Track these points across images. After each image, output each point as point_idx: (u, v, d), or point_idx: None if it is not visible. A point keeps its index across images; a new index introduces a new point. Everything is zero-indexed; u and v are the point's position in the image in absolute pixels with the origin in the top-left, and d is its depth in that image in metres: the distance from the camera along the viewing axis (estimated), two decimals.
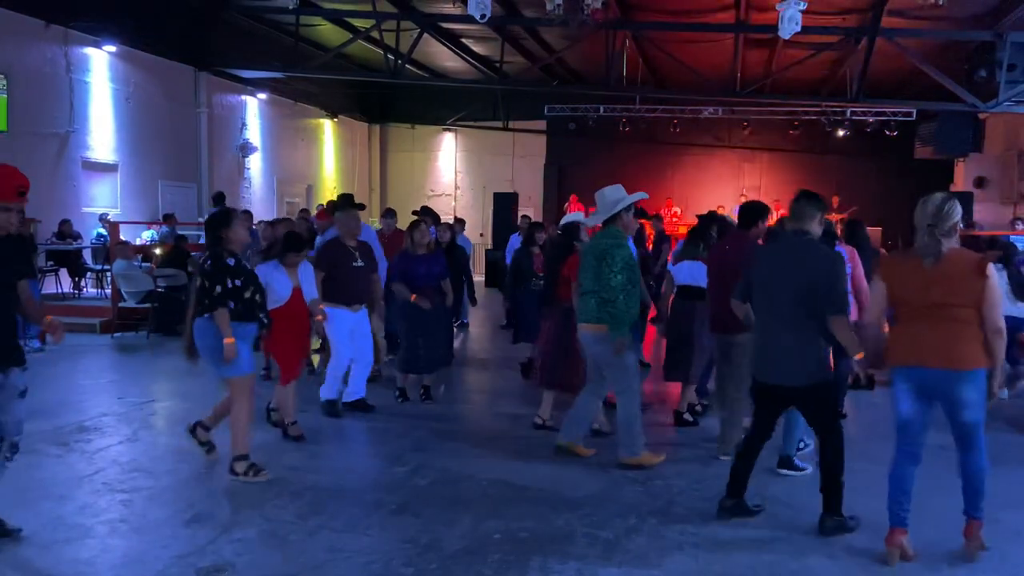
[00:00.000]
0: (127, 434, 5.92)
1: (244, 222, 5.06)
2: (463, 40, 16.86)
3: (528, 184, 22.05)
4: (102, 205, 13.28)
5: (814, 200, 4.34)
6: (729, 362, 5.62)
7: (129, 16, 13.13)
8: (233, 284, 4.71)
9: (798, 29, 10.97)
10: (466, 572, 3.71)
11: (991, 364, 3.72)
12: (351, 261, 6.38)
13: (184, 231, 13.22)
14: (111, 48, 13.14)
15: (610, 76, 14.98)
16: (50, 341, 3.99)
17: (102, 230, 12.52)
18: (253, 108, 17.57)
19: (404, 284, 6.70)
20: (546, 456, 5.54)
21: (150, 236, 13.36)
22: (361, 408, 6.54)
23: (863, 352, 4.14)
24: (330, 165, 21.25)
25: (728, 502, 4.41)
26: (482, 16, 11.31)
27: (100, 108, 13.14)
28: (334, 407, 6.47)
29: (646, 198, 5.62)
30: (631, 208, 5.29)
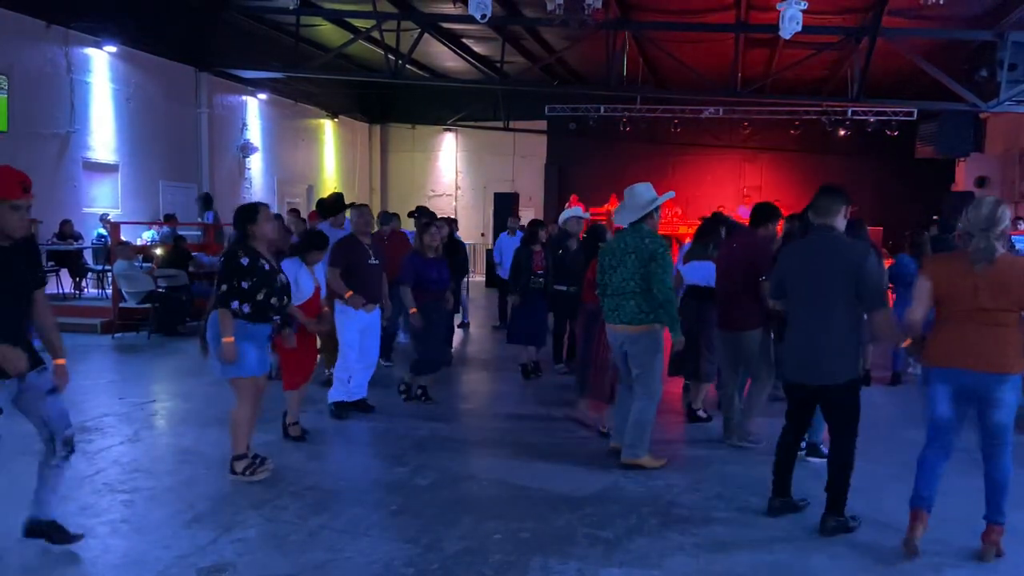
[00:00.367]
0: (128, 434, 5.92)
1: (271, 217, 4.86)
2: (464, 40, 16.86)
3: (529, 184, 22.05)
4: (103, 205, 13.29)
5: (838, 194, 4.30)
6: (739, 358, 5.67)
7: (130, 17, 13.14)
8: (239, 285, 4.59)
9: (799, 29, 10.96)
10: (467, 572, 3.71)
11: None
12: (367, 259, 6.28)
13: (185, 231, 13.24)
14: (112, 48, 13.15)
15: (610, 76, 14.97)
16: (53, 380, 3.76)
17: (103, 230, 12.52)
18: (254, 108, 17.58)
19: (416, 287, 6.59)
20: (547, 456, 5.54)
21: (150, 236, 13.37)
22: (362, 408, 6.53)
23: (910, 339, 4.09)
24: (331, 165, 21.26)
25: (776, 502, 4.44)
26: (482, 16, 11.30)
27: (101, 108, 13.15)
28: (342, 409, 6.41)
29: (673, 197, 5.69)
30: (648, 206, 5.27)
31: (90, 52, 12.84)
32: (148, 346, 9.84)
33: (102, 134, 13.21)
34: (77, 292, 12.43)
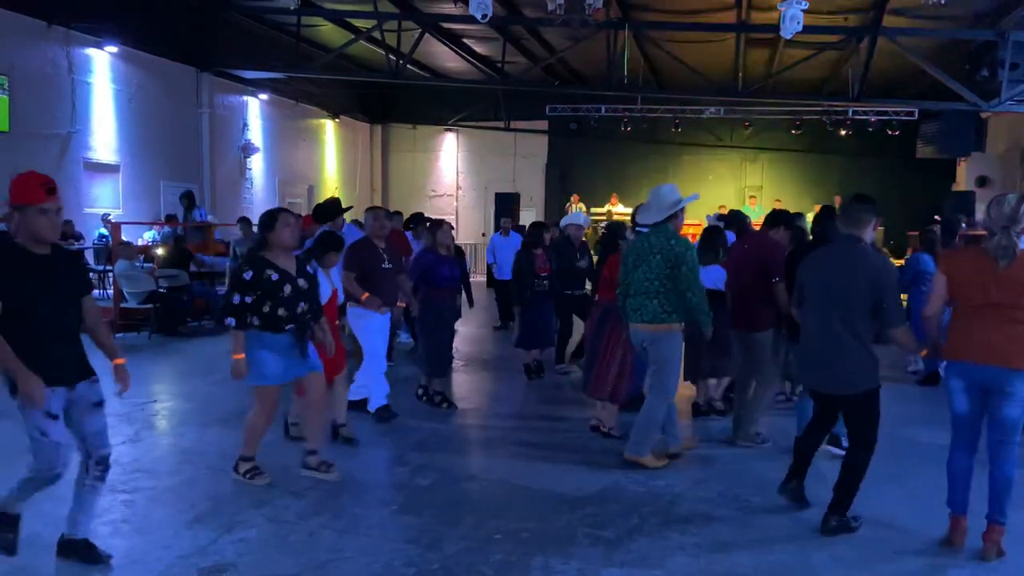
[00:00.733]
0: (129, 434, 5.92)
1: (291, 223, 4.72)
2: (464, 40, 16.87)
3: (530, 184, 22.05)
4: (104, 206, 13.29)
5: (870, 206, 4.26)
6: (750, 358, 5.71)
7: (131, 17, 13.15)
8: (242, 300, 4.52)
9: (800, 29, 10.96)
10: (468, 572, 3.71)
11: None
12: (381, 262, 6.15)
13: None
14: (113, 49, 13.16)
15: (611, 76, 14.98)
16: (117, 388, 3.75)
17: (104, 231, 12.53)
18: (255, 108, 17.59)
19: (427, 284, 6.53)
20: (547, 456, 5.54)
21: (151, 237, 13.38)
22: (363, 408, 6.52)
23: (927, 350, 4.17)
24: (332, 165, 21.26)
25: (792, 483, 4.48)
26: (483, 16, 11.31)
27: (102, 109, 13.16)
28: (386, 412, 6.26)
29: (697, 199, 5.76)
30: (673, 206, 5.28)
31: (91, 52, 12.84)
32: (149, 346, 9.84)
33: (103, 134, 13.22)
34: None
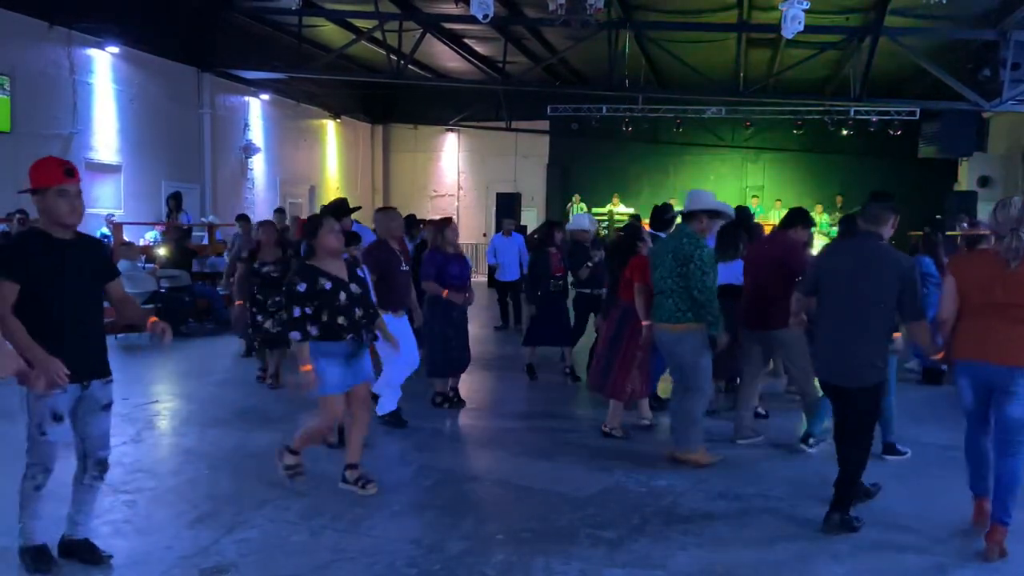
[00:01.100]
0: (131, 435, 5.92)
1: (335, 229, 4.66)
2: (465, 40, 16.87)
3: (531, 184, 22.05)
4: (106, 206, 13.29)
5: (889, 204, 4.34)
6: (772, 355, 5.80)
7: (132, 18, 13.16)
8: (302, 312, 4.43)
9: (801, 28, 10.95)
10: (469, 573, 3.71)
11: None
12: (399, 265, 6.06)
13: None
14: (114, 49, 13.16)
15: (613, 76, 14.97)
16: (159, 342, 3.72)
17: (106, 231, 12.54)
18: (256, 109, 17.59)
19: (437, 283, 6.47)
20: (549, 456, 5.54)
21: (153, 237, 13.38)
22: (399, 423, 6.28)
23: (943, 352, 4.23)
24: (333, 166, 21.27)
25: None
26: (484, 16, 11.30)
27: (103, 109, 13.16)
28: (396, 418, 6.19)
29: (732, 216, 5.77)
30: (716, 214, 5.36)
31: (93, 53, 12.84)
32: (150, 346, 9.84)
33: (105, 135, 13.22)
34: None
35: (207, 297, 11.34)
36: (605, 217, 18.62)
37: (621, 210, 18.74)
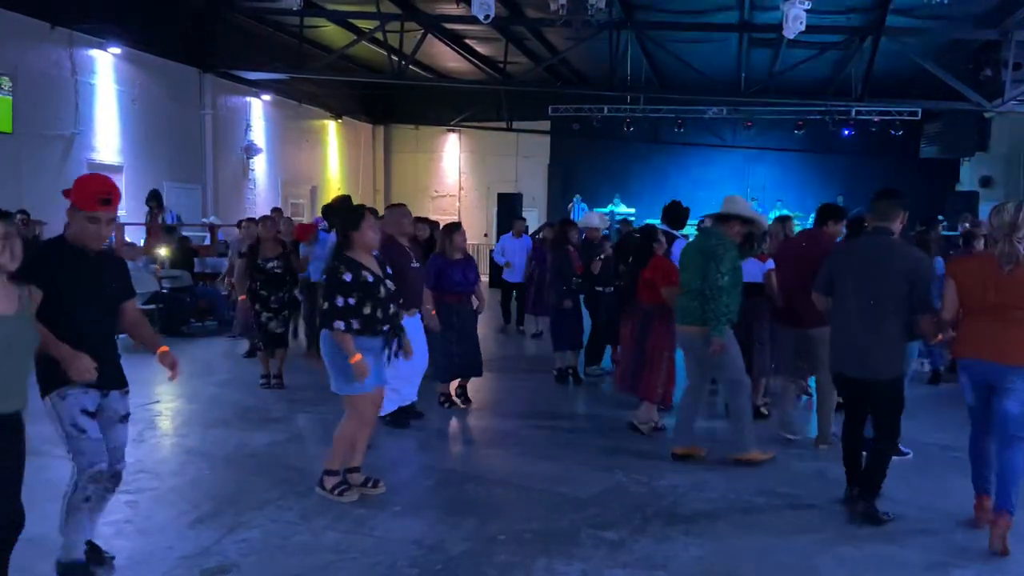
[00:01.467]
0: (132, 435, 5.86)
1: (374, 223, 4.63)
2: (467, 41, 16.87)
3: (532, 185, 22.05)
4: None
5: (897, 200, 4.46)
6: (806, 355, 5.76)
7: (134, 18, 13.16)
8: (346, 303, 4.39)
9: (802, 29, 10.94)
10: (471, 573, 3.71)
11: None
12: (410, 262, 5.92)
13: (189, 232, 13.26)
14: (116, 50, 13.16)
15: (614, 76, 14.96)
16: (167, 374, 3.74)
17: None
18: (257, 109, 17.59)
19: (440, 289, 6.39)
20: (550, 456, 5.54)
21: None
22: (413, 415, 6.27)
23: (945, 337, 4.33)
24: (334, 166, 21.28)
25: (854, 490, 4.52)
26: (486, 17, 11.31)
27: (105, 110, 13.16)
28: (399, 418, 6.14)
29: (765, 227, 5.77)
30: (748, 221, 5.39)
31: (94, 54, 12.85)
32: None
33: (106, 135, 13.23)
34: None
35: (209, 297, 11.34)
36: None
37: (622, 210, 18.75)
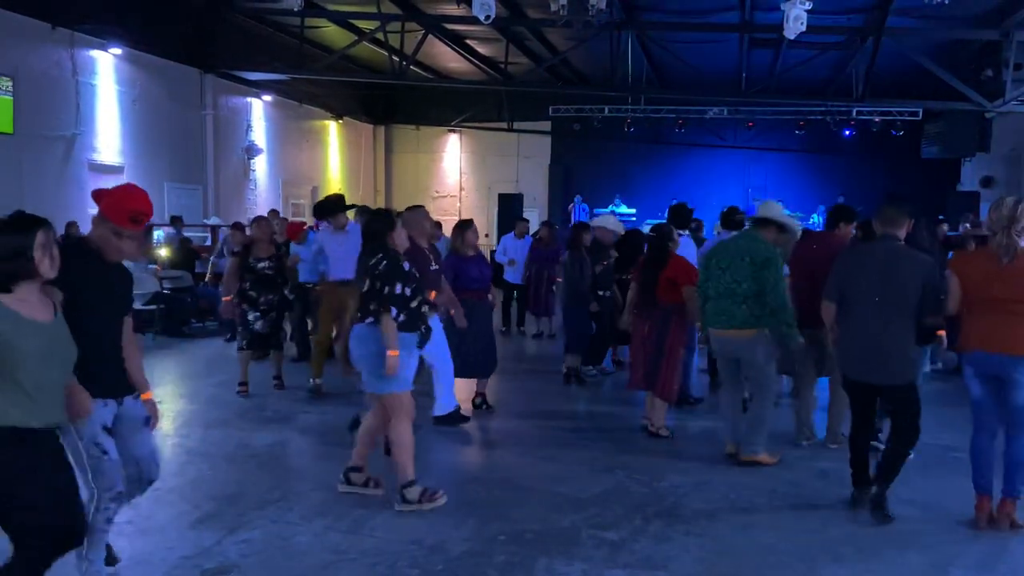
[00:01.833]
0: None
1: (401, 230, 4.63)
2: (467, 41, 16.88)
3: (533, 185, 22.05)
4: None
5: (903, 206, 4.56)
6: (819, 356, 5.78)
7: (135, 19, 13.18)
8: (403, 291, 4.37)
9: (803, 29, 10.94)
10: (472, 573, 3.71)
11: None
12: (428, 264, 5.80)
13: (190, 233, 13.26)
14: (117, 51, 13.18)
15: (615, 77, 14.96)
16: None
17: None
18: (258, 110, 17.61)
19: (456, 288, 6.29)
20: (551, 457, 5.54)
21: (156, 238, 13.39)
22: (458, 420, 6.22)
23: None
24: (335, 166, 21.29)
25: (862, 494, 4.55)
26: (486, 17, 11.31)
27: (106, 110, 13.18)
28: (442, 423, 6.11)
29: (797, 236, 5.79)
30: (784, 229, 5.45)
31: (95, 54, 12.86)
32: (153, 347, 9.84)
33: (107, 136, 13.24)
34: None
35: (209, 298, 11.34)
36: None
37: (623, 210, 18.76)
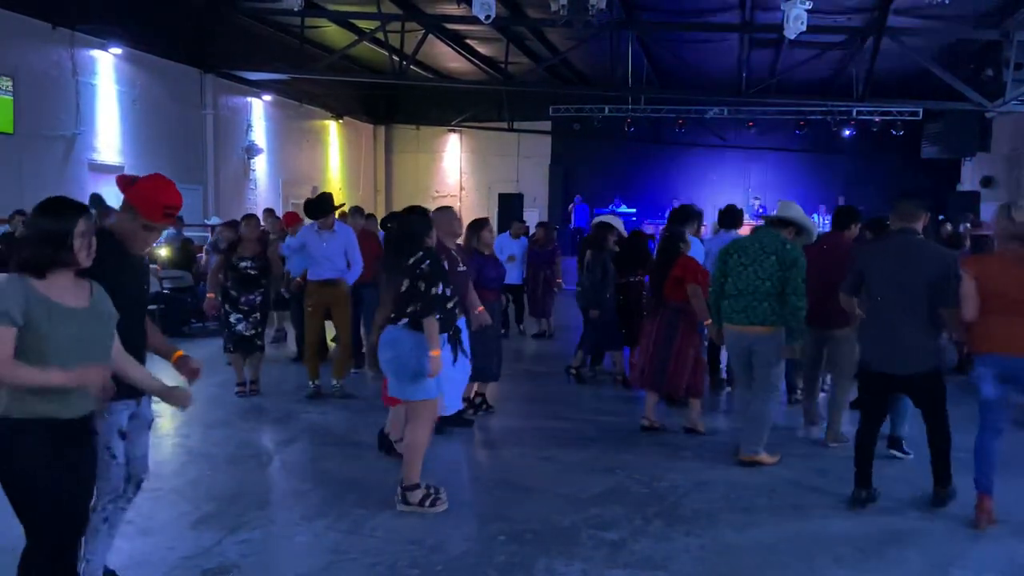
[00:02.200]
0: None
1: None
2: (467, 41, 16.88)
3: (533, 185, 22.05)
4: (108, 206, 13.30)
5: (920, 201, 4.68)
6: (829, 354, 5.89)
7: (135, 18, 13.17)
8: (443, 291, 4.32)
9: (804, 29, 10.94)
10: (471, 574, 3.71)
11: None
12: (456, 265, 5.62)
13: (190, 233, 13.25)
14: (117, 50, 13.17)
15: (615, 76, 14.96)
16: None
17: None
18: (259, 110, 17.60)
19: (476, 288, 6.15)
20: (551, 457, 5.54)
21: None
22: (462, 423, 6.16)
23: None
24: (335, 166, 21.28)
25: (861, 493, 4.58)
26: (487, 17, 11.30)
27: (106, 110, 13.17)
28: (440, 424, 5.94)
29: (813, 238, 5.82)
30: (802, 230, 5.51)
31: (95, 54, 12.85)
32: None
33: (107, 136, 13.24)
34: None
35: None
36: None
37: (623, 210, 18.76)
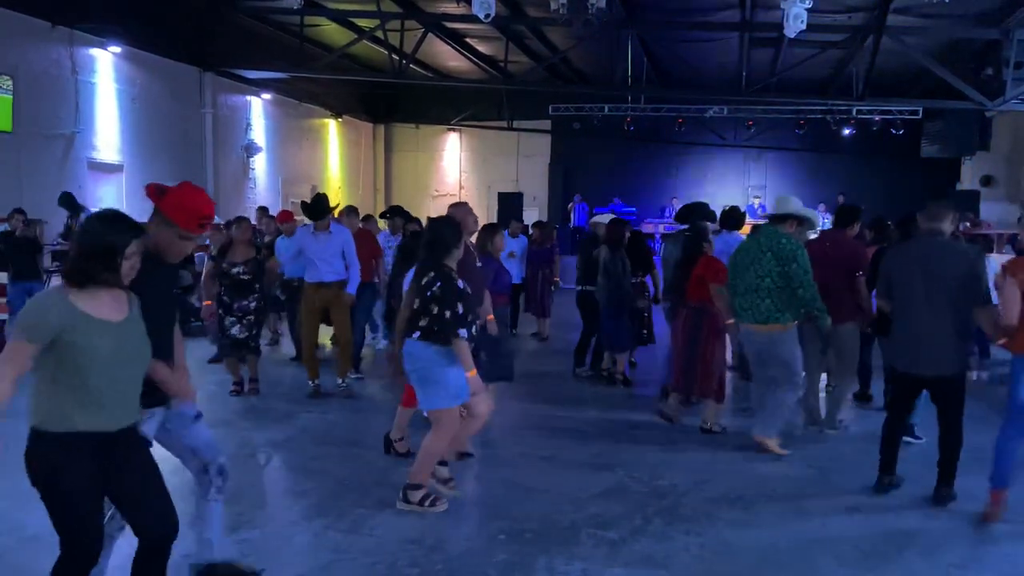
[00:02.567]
0: None
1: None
2: (467, 40, 16.86)
3: (533, 184, 22.05)
4: (108, 206, 13.29)
5: (948, 203, 4.75)
6: (832, 348, 6.00)
7: (134, 17, 13.16)
8: (465, 311, 4.28)
9: (803, 28, 10.93)
10: (471, 573, 3.71)
11: None
12: (474, 261, 5.51)
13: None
14: (116, 49, 13.16)
15: (615, 75, 14.95)
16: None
17: None
18: (258, 108, 17.59)
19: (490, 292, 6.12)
20: (551, 456, 5.54)
21: None
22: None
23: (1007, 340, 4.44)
24: (335, 165, 21.27)
25: (886, 479, 4.77)
26: (486, 16, 11.30)
27: (105, 109, 13.16)
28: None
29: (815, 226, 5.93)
30: (803, 221, 5.56)
31: (95, 53, 12.84)
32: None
33: (107, 135, 13.22)
34: None
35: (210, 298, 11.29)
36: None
37: (623, 210, 18.72)
